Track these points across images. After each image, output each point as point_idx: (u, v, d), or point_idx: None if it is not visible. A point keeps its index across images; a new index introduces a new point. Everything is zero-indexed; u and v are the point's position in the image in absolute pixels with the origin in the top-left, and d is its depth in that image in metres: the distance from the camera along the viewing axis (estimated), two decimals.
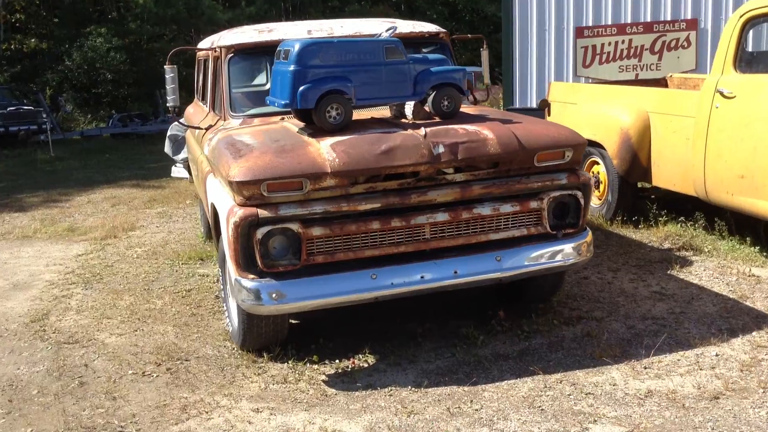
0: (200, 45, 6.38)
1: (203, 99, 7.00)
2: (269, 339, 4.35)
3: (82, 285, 6.04)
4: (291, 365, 4.18)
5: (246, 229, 3.80)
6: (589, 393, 3.63)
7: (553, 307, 4.78)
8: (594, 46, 10.31)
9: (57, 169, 14.24)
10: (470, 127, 4.16)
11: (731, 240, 5.90)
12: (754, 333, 4.21)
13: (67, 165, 14.84)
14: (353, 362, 4.16)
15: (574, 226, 4.29)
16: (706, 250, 5.84)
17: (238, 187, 3.79)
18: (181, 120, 5.51)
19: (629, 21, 10.42)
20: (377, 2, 28.79)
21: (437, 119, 4.40)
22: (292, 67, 4.11)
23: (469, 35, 6.53)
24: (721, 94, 5.38)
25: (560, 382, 3.76)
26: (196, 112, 6.96)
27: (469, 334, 4.37)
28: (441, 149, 3.99)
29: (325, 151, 3.93)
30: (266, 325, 4.25)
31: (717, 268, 5.40)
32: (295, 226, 3.82)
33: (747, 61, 5.35)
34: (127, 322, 5.10)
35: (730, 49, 5.40)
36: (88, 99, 27.45)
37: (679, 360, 3.93)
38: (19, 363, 4.50)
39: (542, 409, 3.50)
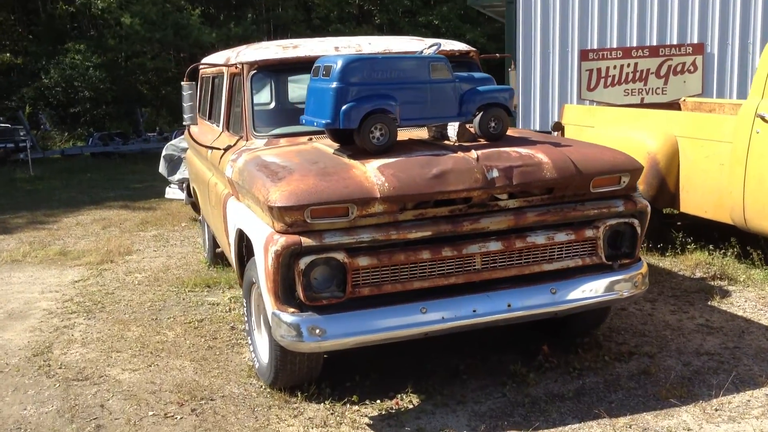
0: (211, 60, 6.06)
1: (210, 118, 6.71)
2: (303, 377, 4.02)
3: (83, 314, 5.65)
4: (328, 406, 3.85)
5: (287, 258, 3.49)
6: None
7: (598, 342, 4.51)
8: (599, 69, 10.19)
9: (38, 189, 13.76)
10: (523, 151, 3.90)
11: (766, 269, 5.69)
12: None
13: (48, 185, 14.37)
14: (397, 402, 3.84)
15: (630, 256, 4.03)
16: (741, 279, 5.63)
17: (279, 212, 3.48)
18: (193, 138, 5.17)
19: (635, 44, 10.33)
20: (360, 23, 28.70)
21: (482, 141, 4.13)
22: (334, 84, 3.82)
23: (497, 54, 6.30)
24: (763, 119, 5.20)
25: (629, 427, 3.48)
26: (202, 131, 6.63)
27: (517, 371, 4.08)
28: (495, 173, 3.72)
29: (373, 174, 3.64)
30: (301, 361, 3.93)
31: (758, 299, 5.18)
32: (340, 256, 3.51)
33: None
34: (139, 356, 4.72)
35: None
36: (65, 117, 26.85)
37: (749, 401, 3.68)
38: (25, 403, 4.11)
39: None
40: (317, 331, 3.51)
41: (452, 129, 4.20)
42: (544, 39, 10.45)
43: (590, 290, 3.89)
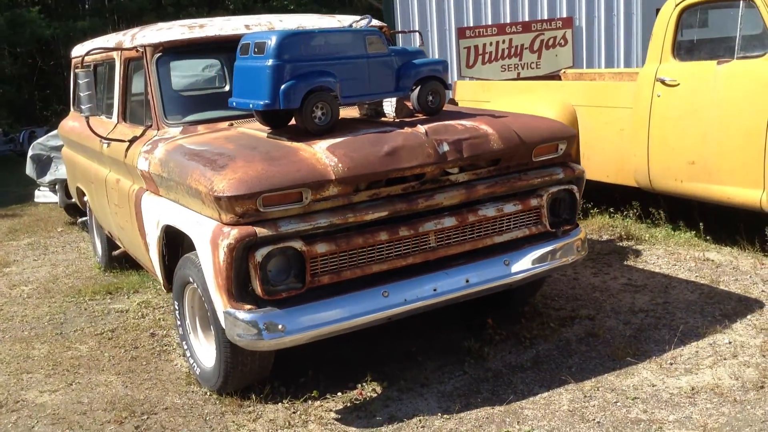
0: (99, 45, 5.53)
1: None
2: (254, 377, 3.77)
3: None
4: (288, 405, 3.63)
5: (242, 251, 3.22)
6: (635, 398, 3.41)
7: (537, 310, 4.56)
8: (476, 47, 10.37)
9: None
10: (468, 123, 3.84)
11: (666, 227, 6.01)
12: (749, 316, 4.22)
13: None
14: (360, 392, 3.68)
15: (570, 222, 4.08)
16: (645, 238, 5.90)
17: (228, 203, 3.21)
18: (93, 131, 4.69)
19: (508, 21, 10.59)
20: (213, 8, 27.68)
21: (420, 116, 4.03)
22: (270, 62, 3.56)
23: (406, 30, 6.20)
24: (663, 82, 5.44)
25: (597, 389, 3.52)
26: (83, 124, 6.08)
27: (471, 347, 4.03)
28: (446, 147, 3.63)
29: (324, 155, 3.43)
30: (252, 361, 3.67)
31: (667, 255, 5.46)
32: (298, 244, 3.29)
33: (687, 48, 5.46)
34: (54, 376, 4.26)
35: (668, 37, 5.48)
36: None
37: (697, 352, 3.84)
38: None
39: (598, 422, 3.24)
40: (279, 326, 3.27)
41: (388, 105, 4.06)
42: (422, 19, 10.47)
43: (539, 259, 3.89)
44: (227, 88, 5.25)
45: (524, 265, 3.84)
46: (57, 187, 8.49)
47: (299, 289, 3.34)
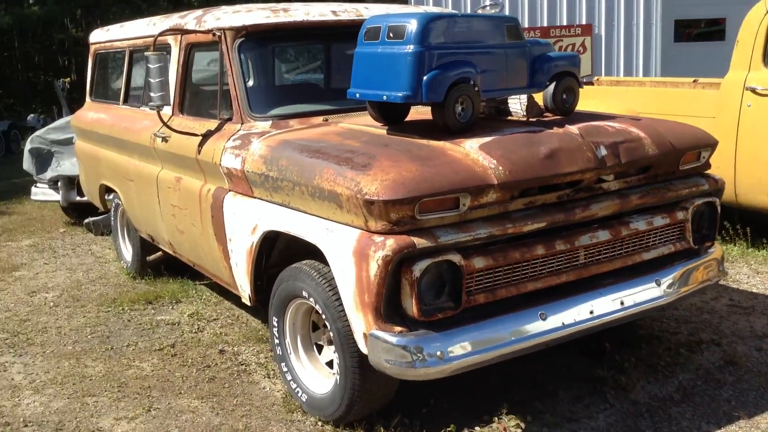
0: (154, 28, 4.99)
1: (127, 99, 5.64)
2: (377, 406, 3.32)
3: (7, 350, 4.44)
4: None
5: (397, 265, 2.78)
6: None
7: (654, 333, 4.20)
8: None
9: None
10: (617, 125, 3.47)
11: (741, 244, 5.74)
12: None
13: None
14: (504, 428, 3.26)
15: (710, 239, 3.75)
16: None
17: (383, 208, 2.76)
18: (167, 125, 4.16)
19: (527, 26, 10.32)
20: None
21: (551, 117, 3.64)
22: (411, 48, 3.13)
23: None
24: (753, 91, 5.18)
25: None
26: (116, 116, 5.55)
27: (605, 375, 3.65)
28: (604, 152, 3.25)
29: (480, 156, 3.02)
30: (378, 388, 3.22)
31: (755, 274, 5.18)
32: (456, 258, 2.86)
33: None
34: (125, 400, 3.72)
35: (758, 44, 5.22)
36: None
37: None
38: None
39: None
40: (438, 353, 2.83)
41: (516, 103, 3.66)
42: None
43: (686, 278, 3.54)
44: (318, 78, 4.79)
45: (675, 285, 3.47)
46: (59, 184, 7.83)
47: (455, 310, 2.91)
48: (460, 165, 2.96)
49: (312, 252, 3.28)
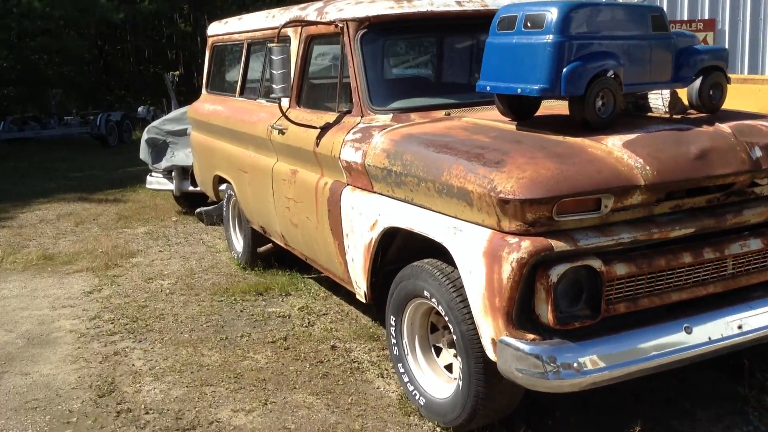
0: (274, 21, 5.00)
1: (243, 91, 5.68)
2: (500, 414, 3.17)
3: (128, 336, 4.53)
4: None
5: (532, 268, 2.62)
6: None
7: None
8: None
9: None
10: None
11: None
12: None
13: None
14: None
15: None
16: None
17: (519, 207, 2.61)
18: (287, 117, 4.13)
19: None
20: None
21: (695, 114, 3.38)
22: (551, 38, 2.95)
23: None
24: None
25: None
26: (233, 108, 5.59)
27: (746, 394, 3.37)
28: (758, 153, 2.98)
29: (625, 155, 2.81)
30: (504, 396, 3.07)
31: None
32: (596, 263, 2.67)
33: None
34: (241, 391, 3.72)
35: None
36: None
37: None
38: None
39: None
40: (574, 364, 2.66)
41: (657, 98, 3.42)
42: None
43: None
44: (437, 70, 4.68)
45: None
46: (173, 174, 8.03)
47: (593, 319, 2.72)
48: (603, 163, 2.77)
49: (434, 250, 3.17)
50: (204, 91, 6.71)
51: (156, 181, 8.33)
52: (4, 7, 23.67)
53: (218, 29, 6.34)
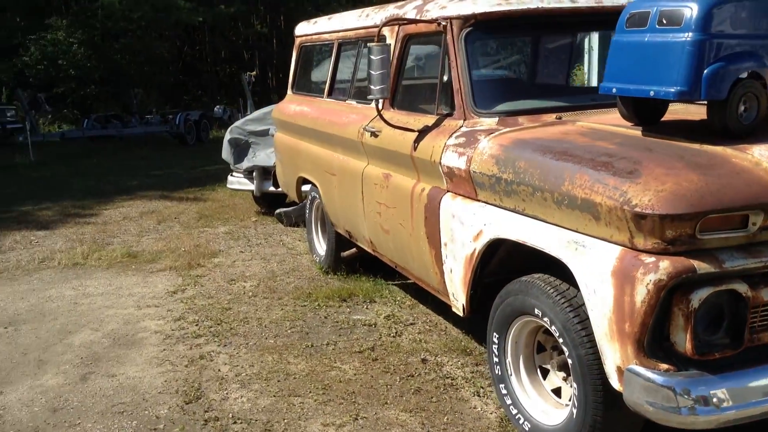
0: (367, 20, 4.84)
1: (332, 92, 5.54)
2: None
3: (212, 339, 4.44)
4: None
5: (670, 292, 2.36)
6: None
7: None
8: None
9: (46, 176, 12.37)
10: None
11: None
12: None
13: (53, 171, 12.99)
14: None
15: None
16: None
17: (658, 223, 2.35)
18: (387, 121, 3.95)
19: None
20: None
21: None
22: (691, 37, 2.67)
23: None
24: None
25: None
26: (320, 109, 5.46)
27: None
28: None
29: None
30: (622, 427, 2.80)
31: None
32: (743, 288, 2.39)
33: None
34: (330, 404, 3.55)
35: None
36: (47, 98, 24.91)
37: None
38: None
39: None
40: (714, 399, 2.38)
41: None
42: None
43: None
44: (536, 73, 4.44)
45: None
46: (254, 174, 7.98)
47: (735, 349, 2.44)
48: (751, 176, 2.48)
49: (542, 265, 2.94)
50: (289, 91, 6.61)
51: (237, 181, 8.30)
52: (89, 9, 24.45)
53: (306, 29, 6.23)
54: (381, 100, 3.92)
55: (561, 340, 2.83)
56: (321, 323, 4.68)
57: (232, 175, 8.41)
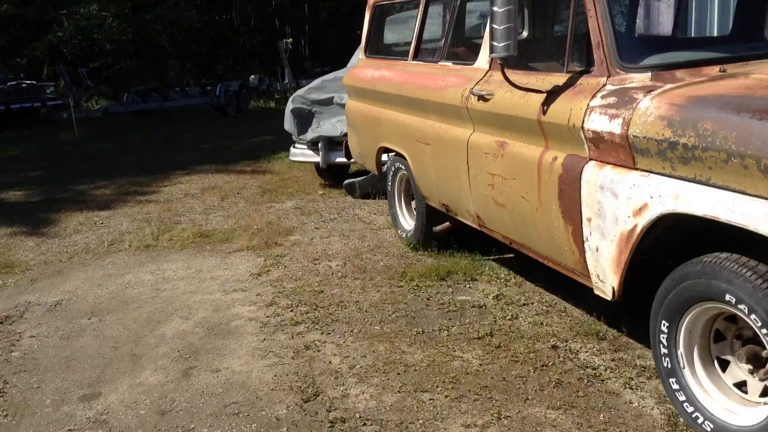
0: None
1: (418, 54, 5.12)
2: None
3: (313, 326, 4.10)
4: None
5: None
6: None
7: None
8: None
9: (92, 153, 12.14)
10: None
11: None
12: None
13: (99, 147, 12.76)
14: None
15: None
16: None
17: None
18: (511, 82, 3.51)
19: None
20: None
21: None
22: None
23: None
24: None
25: None
26: (406, 73, 5.03)
27: None
28: None
29: None
30: None
31: None
32: None
33: None
34: (464, 400, 3.19)
35: None
36: (81, 73, 24.76)
37: None
38: None
39: None
40: None
41: None
42: None
43: None
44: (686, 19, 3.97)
45: None
46: (319, 145, 7.60)
47: None
48: None
49: (714, 242, 2.54)
50: (361, 55, 6.18)
51: (300, 153, 7.94)
52: None
53: None
54: (507, 59, 3.46)
55: (764, 331, 2.42)
56: (425, 306, 4.31)
57: (294, 146, 8.05)
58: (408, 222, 5.61)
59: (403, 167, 5.41)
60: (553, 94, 3.40)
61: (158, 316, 4.38)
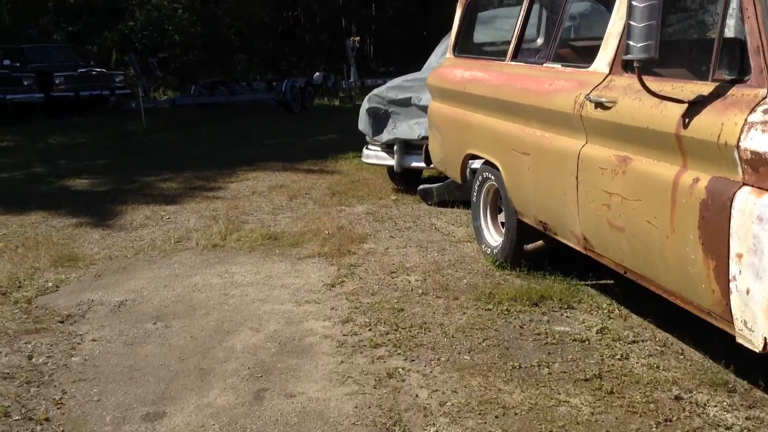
0: None
1: (517, 54, 4.68)
2: None
3: (395, 350, 3.70)
4: None
5: None
6: None
7: None
8: None
9: (160, 144, 12.05)
10: None
11: None
12: None
13: (166, 139, 12.68)
14: None
15: None
16: None
17: None
18: (649, 90, 3.05)
19: None
20: None
21: None
22: None
23: None
24: None
25: None
26: (504, 75, 4.60)
27: None
28: None
29: None
30: None
31: None
32: None
33: None
34: None
35: None
36: (150, 63, 24.93)
37: None
38: None
39: None
40: None
41: None
42: None
43: None
44: None
45: None
46: (395, 148, 7.21)
47: None
48: None
49: None
50: (450, 54, 5.79)
51: (374, 155, 7.56)
52: None
53: None
54: (645, 61, 2.99)
55: None
56: (518, 335, 3.87)
57: (367, 147, 7.68)
58: (494, 237, 5.17)
59: (492, 177, 4.98)
60: (696, 105, 2.93)
61: (227, 325, 4.05)
